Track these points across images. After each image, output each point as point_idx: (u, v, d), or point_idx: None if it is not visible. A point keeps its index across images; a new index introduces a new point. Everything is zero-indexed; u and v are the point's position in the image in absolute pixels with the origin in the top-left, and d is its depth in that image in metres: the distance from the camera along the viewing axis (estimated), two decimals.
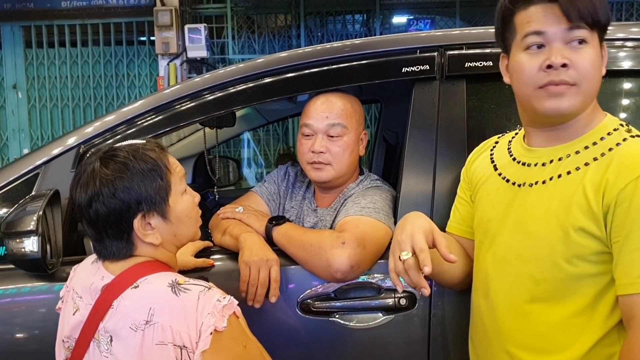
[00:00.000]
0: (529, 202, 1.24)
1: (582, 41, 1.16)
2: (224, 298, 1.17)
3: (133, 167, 1.21)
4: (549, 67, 1.15)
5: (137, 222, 1.21)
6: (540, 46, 1.18)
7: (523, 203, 1.25)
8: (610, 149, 1.17)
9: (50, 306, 1.48)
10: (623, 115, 1.62)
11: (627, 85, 1.66)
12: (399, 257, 1.20)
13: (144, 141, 1.30)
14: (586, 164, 1.18)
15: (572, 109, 1.18)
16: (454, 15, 7.04)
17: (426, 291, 1.18)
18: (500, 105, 1.68)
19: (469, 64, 1.64)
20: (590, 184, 1.15)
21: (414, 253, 1.19)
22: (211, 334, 1.13)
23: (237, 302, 1.19)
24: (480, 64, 1.63)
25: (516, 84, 1.24)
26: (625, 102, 1.66)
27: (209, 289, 1.18)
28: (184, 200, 1.28)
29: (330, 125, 1.69)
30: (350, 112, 1.72)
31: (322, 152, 1.69)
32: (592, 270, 1.15)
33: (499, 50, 1.62)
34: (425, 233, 1.22)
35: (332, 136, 1.69)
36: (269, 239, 1.63)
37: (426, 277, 1.19)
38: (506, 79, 1.30)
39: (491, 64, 1.63)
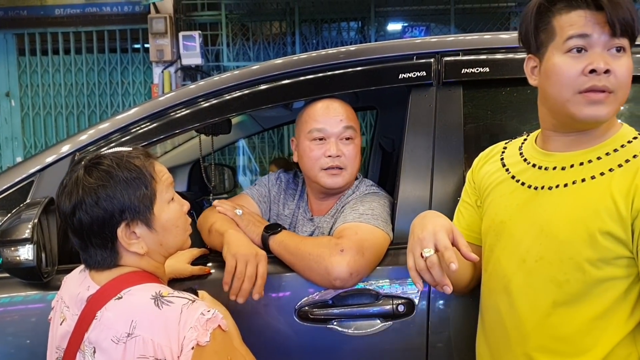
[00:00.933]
0: (550, 205, 1.23)
1: (620, 49, 1.17)
2: (208, 311, 1.15)
3: (116, 175, 1.19)
4: (592, 71, 1.15)
5: (120, 231, 1.20)
6: (580, 50, 1.18)
7: (543, 206, 1.24)
8: (634, 156, 1.18)
9: (42, 315, 1.46)
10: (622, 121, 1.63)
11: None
12: (421, 254, 1.19)
13: (130, 148, 1.28)
14: (611, 170, 1.19)
15: (609, 116, 1.19)
16: (449, 22, 7.08)
17: (449, 289, 1.17)
18: (497, 111, 1.68)
19: (466, 70, 1.64)
20: (618, 189, 1.16)
21: (436, 251, 1.18)
22: (193, 348, 1.11)
23: (221, 316, 1.17)
24: (477, 70, 1.63)
25: (552, 87, 1.22)
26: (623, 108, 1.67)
27: (193, 302, 1.16)
28: (170, 208, 1.26)
29: (345, 128, 1.69)
30: (354, 116, 1.74)
31: (338, 156, 1.68)
32: (615, 273, 1.16)
33: (494, 56, 1.64)
34: (447, 232, 1.21)
35: (346, 139, 1.69)
36: (265, 248, 1.62)
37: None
38: (532, 81, 1.29)
39: (487, 70, 1.63)
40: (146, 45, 7.17)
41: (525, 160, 1.33)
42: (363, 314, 1.52)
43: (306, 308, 1.52)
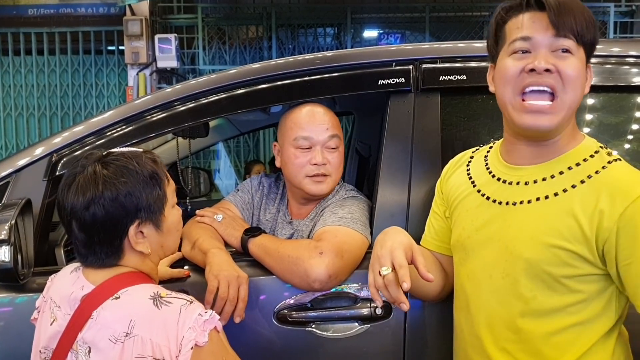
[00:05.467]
0: (514, 221, 1.24)
1: (567, 50, 1.17)
2: (206, 312, 1.16)
3: (136, 172, 1.20)
4: (532, 70, 1.17)
5: (132, 229, 1.20)
6: (525, 52, 1.19)
7: (508, 222, 1.25)
8: (597, 172, 1.18)
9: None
10: (587, 129, 1.67)
11: (593, 100, 1.71)
12: (379, 272, 1.21)
13: (142, 150, 1.30)
14: (573, 186, 1.19)
15: (553, 126, 1.19)
16: (424, 30, 7.15)
17: (405, 306, 1.20)
18: (473, 118, 1.71)
19: (443, 77, 1.67)
20: (581, 209, 1.16)
21: (393, 269, 1.20)
22: (192, 348, 1.12)
23: (218, 317, 1.19)
24: (454, 77, 1.66)
25: (498, 87, 1.25)
26: (590, 116, 1.71)
27: (191, 302, 1.17)
28: (173, 212, 1.29)
29: (330, 136, 1.70)
30: (338, 123, 1.75)
31: (324, 164, 1.69)
32: (583, 287, 1.18)
33: (471, 64, 1.67)
34: (405, 249, 1.23)
35: (331, 147, 1.70)
36: (244, 251, 1.62)
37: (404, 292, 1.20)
38: (491, 88, 1.30)
39: (465, 78, 1.66)
40: (121, 48, 7.10)
41: (490, 172, 1.33)
42: (341, 316, 1.53)
43: (285, 311, 1.53)
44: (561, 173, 1.22)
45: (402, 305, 1.20)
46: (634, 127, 1.70)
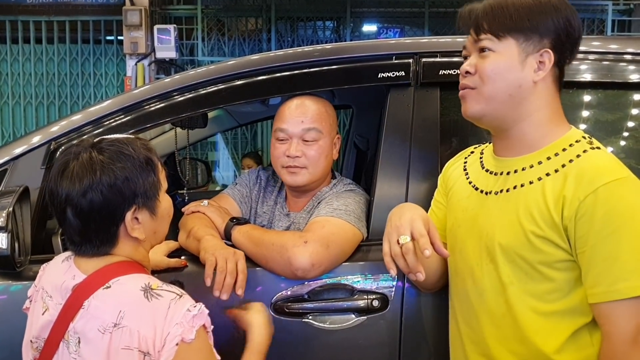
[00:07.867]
0: (494, 209, 1.28)
1: (487, 49, 1.24)
2: (195, 307, 1.15)
3: (132, 157, 1.20)
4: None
5: (129, 215, 1.20)
6: (465, 58, 1.32)
7: (490, 210, 1.29)
8: (570, 161, 1.21)
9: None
10: (583, 126, 1.67)
11: (587, 97, 1.71)
12: (397, 241, 1.23)
13: (133, 136, 1.29)
14: (547, 174, 1.22)
15: (471, 111, 1.28)
16: (423, 25, 7.14)
17: (421, 276, 1.22)
18: None
19: (443, 71, 1.67)
20: (551, 195, 1.19)
21: (412, 238, 1.22)
22: (177, 344, 1.11)
23: (207, 312, 1.18)
24: (454, 71, 1.65)
25: None
26: (585, 113, 1.71)
27: (181, 296, 1.16)
28: (166, 198, 1.29)
29: (306, 130, 1.69)
30: (324, 115, 1.72)
31: (297, 157, 1.68)
32: (558, 275, 1.20)
33: None
34: (424, 221, 1.25)
35: (307, 140, 1.69)
36: (227, 238, 1.62)
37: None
38: None
39: None
40: (120, 37, 7.06)
41: (482, 164, 1.38)
42: (338, 308, 1.54)
43: (282, 302, 1.54)
44: (540, 163, 1.25)
45: (419, 275, 1.22)
46: (631, 124, 1.70)
